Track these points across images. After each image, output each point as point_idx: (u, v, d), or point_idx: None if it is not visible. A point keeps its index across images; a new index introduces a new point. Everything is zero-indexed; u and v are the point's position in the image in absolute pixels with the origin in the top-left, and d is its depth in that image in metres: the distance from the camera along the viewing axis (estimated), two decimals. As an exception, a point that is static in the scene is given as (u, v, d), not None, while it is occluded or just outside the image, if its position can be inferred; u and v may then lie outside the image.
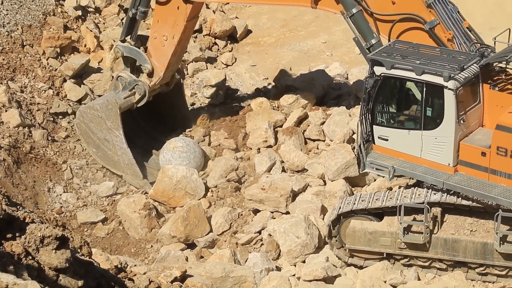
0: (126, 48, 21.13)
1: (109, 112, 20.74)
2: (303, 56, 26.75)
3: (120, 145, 20.72)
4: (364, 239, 17.07)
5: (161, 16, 20.38)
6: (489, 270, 16.65)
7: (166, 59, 20.71)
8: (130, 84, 21.05)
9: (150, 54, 20.92)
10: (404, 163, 16.68)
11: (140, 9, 20.63)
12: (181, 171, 20.05)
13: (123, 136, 20.66)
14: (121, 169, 20.93)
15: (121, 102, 20.83)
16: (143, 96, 21.05)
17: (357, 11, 17.68)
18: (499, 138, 15.52)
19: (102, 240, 19.61)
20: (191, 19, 20.23)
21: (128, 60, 21.30)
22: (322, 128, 21.52)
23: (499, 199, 15.66)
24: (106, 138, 20.91)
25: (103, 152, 21.09)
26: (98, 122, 20.93)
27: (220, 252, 17.90)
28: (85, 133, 21.32)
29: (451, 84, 15.66)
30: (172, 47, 20.49)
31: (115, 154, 20.85)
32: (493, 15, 27.42)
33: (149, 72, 20.94)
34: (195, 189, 20.02)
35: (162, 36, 20.48)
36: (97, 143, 21.12)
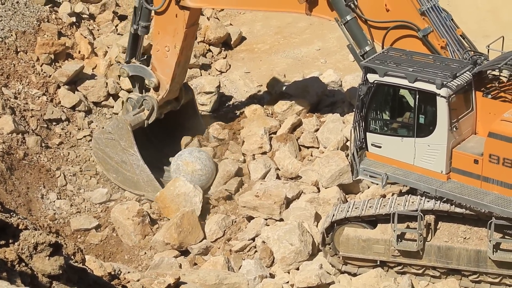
0: (131, 67, 21.10)
1: (120, 131, 20.69)
2: (297, 63, 26.79)
3: (137, 162, 20.62)
4: (358, 246, 17.08)
5: (161, 26, 20.35)
6: (482, 277, 16.67)
7: (171, 70, 20.65)
8: (139, 101, 21.04)
9: (155, 67, 20.88)
10: (397, 170, 16.71)
11: (141, 24, 20.59)
12: (186, 188, 19.83)
13: (138, 153, 20.58)
14: (142, 188, 20.77)
15: (131, 119, 20.78)
16: (151, 110, 20.94)
17: (351, 18, 17.72)
18: (491, 146, 15.56)
19: (96, 247, 19.58)
20: (190, 26, 20.19)
21: (135, 80, 21.28)
22: (316, 135, 21.55)
23: (491, 207, 15.69)
24: (123, 160, 20.82)
25: (123, 175, 20.95)
26: (113, 145, 20.85)
27: (213, 259, 17.89)
28: (103, 160, 21.20)
29: (444, 92, 15.70)
30: (175, 57, 20.45)
31: (134, 174, 20.72)
32: (487, 22, 27.51)
33: (155, 86, 20.87)
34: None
35: (164, 47, 20.47)
36: (115, 168, 21.00)
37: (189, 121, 22.40)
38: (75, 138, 22.37)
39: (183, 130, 22.27)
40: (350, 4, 17.63)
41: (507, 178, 15.53)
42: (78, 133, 22.55)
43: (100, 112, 23.74)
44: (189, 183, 19.85)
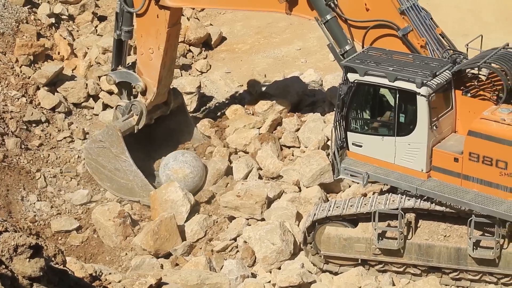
0: (117, 74, 20.98)
1: (111, 138, 20.56)
2: (278, 63, 26.81)
3: (130, 168, 20.49)
4: (339, 245, 17.12)
5: (143, 29, 20.26)
6: (462, 275, 16.77)
7: (157, 72, 20.52)
8: (127, 107, 20.92)
9: (141, 71, 20.76)
10: (378, 169, 16.77)
11: (124, 28, 20.46)
12: (176, 195, 19.68)
13: (130, 158, 20.47)
14: (137, 194, 20.61)
15: (120, 125, 20.67)
16: (141, 115, 20.80)
17: (331, 17, 17.75)
18: (471, 144, 15.65)
19: (77, 248, 19.50)
20: (172, 25, 20.09)
21: (122, 87, 21.16)
22: (297, 134, 21.59)
23: (471, 205, 15.78)
24: (116, 168, 20.68)
25: (117, 183, 20.79)
26: (105, 153, 20.72)
27: (195, 259, 17.88)
28: (96, 170, 21.03)
29: (424, 91, 15.78)
30: (159, 59, 20.32)
31: (128, 181, 20.59)
32: (466, 22, 27.66)
33: (143, 90, 20.72)
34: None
35: (148, 50, 20.33)
36: (109, 176, 20.85)
37: (181, 127, 22.30)
38: (55, 140, 22.27)
39: (175, 136, 22.16)
40: (330, 3, 17.66)
41: (486, 176, 15.63)
42: (58, 135, 22.45)
43: (80, 113, 23.66)
44: (181, 191, 19.70)
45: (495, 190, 15.65)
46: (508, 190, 15.54)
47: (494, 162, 15.46)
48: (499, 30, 27.08)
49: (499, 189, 15.61)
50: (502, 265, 16.32)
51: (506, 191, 15.56)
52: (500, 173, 15.46)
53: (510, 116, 15.50)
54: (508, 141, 15.19)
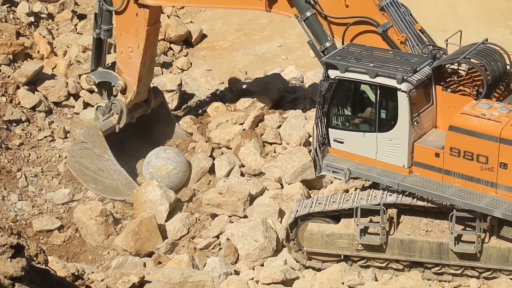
0: (96, 74, 20.90)
1: (93, 138, 20.50)
2: (259, 60, 26.83)
3: (113, 167, 20.44)
4: (322, 241, 17.16)
5: (123, 27, 20.18)
6: (444, 269, 16.85)
7: (136, 71, 20.45)
8: (107, 107, 20.87)
9: (120, 70, 20.69)
10: (360, 165, 16.81)
11: (103, 27, 20.38)
12: (154, 195, 19.61)
13: (113, 157, 20.41)
14: (122, 193, 20.55)
15: (101, 124, 20.61)
16: (121, 113, 20.73)
17: (311, 14, 17.77)
18: (452, 139, 15.73)
19: (59, 247, 19.44)
20: (152, 24, 20.03)
21: (102, 87, 21.06)
22: (278, 131, 21.62)
23: (453, 199, 15.86)
24: (100, 168, 20.61)
25: (102, 184, 20.72)
26: (88, 154, 20.64)
27: (178, 257, 17.86)
28: (80, 172, 20.94)
29: (404, 86, 15.83)
30: (139, 57, 20.26)
31: (112, 180, 20.52)
32: (445, 17, 27.80)
33: (122, 88, 20.64)
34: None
35: (128, 48, 20.27)
36: (94, 178, 20.78)
37: (163, 125, 22.23)
38: (36, 139, 22.17)
39: (158, 135, 22.09)
40: (310, 0, 17.68)
41: (468, 171, 15.71)
42: (39, 134, 22.36)
43: (61, 112, 23.56)
44: (159, 190, 19.65)
45: (476, 184, 15.74)
46: (489, 185, 15.63)
47: (475, 157, 15.54)
48: (478, 25, 27.25)
49: (480, 184, 15.70)
50: (483, 259, 16.41)
51: (487, 186, 15.65)
52: (481, 168, 15.55)
53: (490, 111, 15.59)
54: (489, 136, 15.28)
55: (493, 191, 15.63)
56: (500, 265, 16.40)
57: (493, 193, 15.64)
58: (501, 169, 15.38)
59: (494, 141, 15.24)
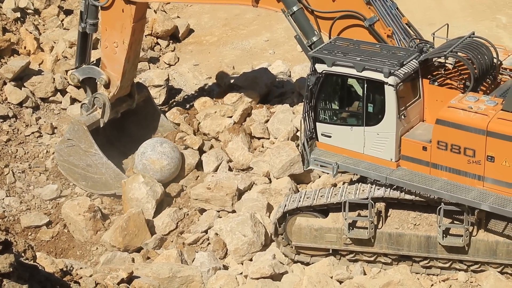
0: (80, 71, 20.85)
1: (78, 134, 20.43)
2: (246, 54, 26.82)
3: (100, 161, 20.39)
4: (310, 236, 17.18)
5: (108, 23, 20.13)
6: (433, 263, 16.90)
7: (121, 66, 20.41)
8: (90, 102, 20.82)
9: (105, 65, 20.64)
10: (348, 159, 16.83)
11: (89, 21, 20.32)
12: (140, 193, 19.55)
13: (99, 151, 20.37)
14: (112, 186, 20.50)
15: (85, 119, 20.54)
16: (104, 107, 20.66)
17: (297, 9, 17.76)
18: (439, 133, 15.76)
19: (47, 243, 19.41)
20: (137, 20, 19.99)
21: (86, 85, 20.99)
22: (266, 126, 21.62)
23: (440, 193, 15.90)
24: (88, 164, 20.56)
25: (92, 180, 20.67)
26: (75, 151, 20.58)
27: (166, 252, 17.85)
28: (69, 170, 20.86)
29: (391, 80, 15.85)
30: (124, 53, 20.23)
31: (101, 175, 20.48)
32: (432, 11, 27.85)
33: (106, 83, 20.58)
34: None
35: (113, 43, 20.23)
36: (83, 175, 20.72)
37: (150, 120, 22.14)
38: (23, 135, 22.10)
39: (146, 130, 22.02)
40: None
41: (455, 164, 15.75)
42: (26, 130, 22.29)
43: (48, 108, 23.50)
44: (145, 187, 19.60)
45: (464, 178, 15.78)
46: (476, 178, 15.68)
47: (462, 150, 15.58)
48: (464, 18, 27.32)
49: (467, 177, 15.75)
50: (471, 252, 16.47)
51: (474, 179, 15.70)
52: (468, 161, 15.59)
53: (477, 104, 15.63)
54: (476, 129, 15.31)
55: (481, 184, 15.68)
56: (488, 258, 16.46)
57: (481, 186, 15.69)
58: (488, 162, 15.43)
59: (481, 134, 15.27)
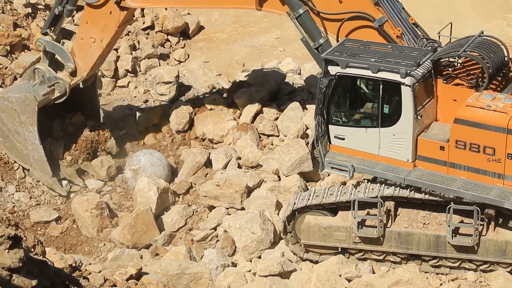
0: (49, 44, 20.41)
1: (26, 107, 20.03)
2: (256, 52, 26.80)
3: (33, 141, 20.07)
4: (319, 234, 17.16)
5: (91, 18, 19.82)
6: (442, 262, 16.86)
7: (92, 61, 20.17)
8: (50, 80, 20.34)
9: (74, 53, 20.30)
10: (363, 161, 16.70)
11: (67, 7, 20.03)
12: (142, 184, 19.51)
13: (36, 132, 20.02)
14: (29, 163, 20.30)
15: (40, 99, 20.11)
16: (63, 94, 20.42)
17: (303, 11, 17.61)
18: (457, 132, 15.66)
19: (56, 239, 19.44)
20: (122, 24, 19.80)
21: (48, 53, 20.56)
22: (276, 123, 21.60)
23: (460, 192, 15.82)
24: (17, 131, 20.21)
25: (12, 143, 20.40)
26: (11, 113, 20.19)
27: (175, 249, 17.86)
28: None
29: (408, 81, 15.74)
30: (99, 50, 19.99)
31: (24, 148, 20.17)
32: (442, 10, 27.78)
33: (72, 71, 20.32)
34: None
35: (90, 38, 19.91)
36: (6, 134, 20.41)
37: (86, 99, 21.74)
38: (33, 130, 22.07)
39: (79, 106, 21.65)
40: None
41: (474, 163, 15.68)
42: (37, 125, 22.27)
43: (58, 103, 23.47)
44: (146, 178, 19.65)
45: (483, 176, 15.70)
46: (496, 176, 15.63)
47: (481, 149, 15.52)
48: (474, 18, 27.25)
49: (487, 176, 15.69)
50: (481, 252, 16.43)
51: (494, 177, 15.65)
52: (488, 159, 15.52)
53: (495, 102, 15.56)
54: (496, 127, 15.25)
55: (501, 182, 15.62)
56: (497, 258, 16.42)
57: (501, 185, 15.62)
58: (509, 160, 15.34)
59: (501, 132, 15.22)
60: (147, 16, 27.06)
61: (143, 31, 26.83)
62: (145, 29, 26.88)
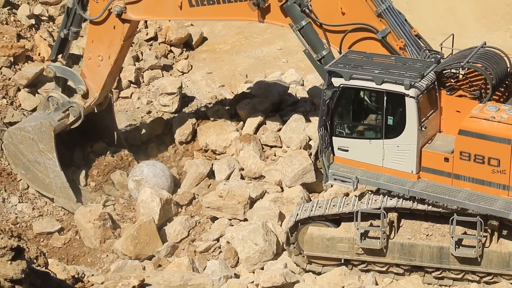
0: (59, 68, 20.46)
1: (42, 134, 20.11)
2: (259, 63, 26.82)
3: (53, 168, 20.11)
4: (322, 245, 17.14)
5: (96, 36, 19.82)
6: (445, 273, 16.83)
7: (102, 80, 20.16)
8: (64, 105, 20.40)
9: (84, 74, 20.31)
10: (367, 173, 16.69)
11: (72, 29, 20.04)
12: (145, 195, 19.48)
13: (56, 159, 20.06)
14: (52, 191, 20.31)
15: (56, 124, 20.19)
16: (78, 118, 20.44)
17: (306, 23, 17.59)
18: (462, 143, 15.65)
19: (59, 250, 19.42)
20: (128, 38, 19.76)
21: (60, 80, 20.66)
22: (278, 134, 21.60)
23: (465, 204, 15.79)
24: (37, 160, 20.25)
25: (33, 174, 20.41)
26: (29, 144, 20.25)
27: (178, 260, 17.84)
28: (13, 154, 20.55)
29: (413, 92, 15.72)
30: (108, 67, 19.97)
31: (46, 177, 20.18)
32: (445, 21, 27.80)
33: (84, 93, 20.31)
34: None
35: (97, 57, 19.91)
36: (26, 165, 20.43)
37: (104, 123, 21.79)
38: (36, 141, 22.09)
39: (97, 132, 21.70)
40: (305, 9, 17.56)
41: (478, 174, 15.67)
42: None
43: (61, 114, 23.48)
44: (149, 189, 19.65)
45: (488, 188, 15.69)
46: (501, 187, 15.61)
47: (486, 160, 15.51)
48: (478, 29, 27.27)
49: (491, 187, 15.67)
50: (484, 263, 16.40)
51: (499, 189, 15.63)
52: (492, 171, 15.50)
53: (499, 113, 15.55)
54: (500, 139, 15.25)
55: (505, 193, 15.60)
56: (501, 270, 16.39)
57: (506, 196, 15.60)
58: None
59: (506, 143, 15.22)
60: (151, 27, 27.11)
61: (147, 42, 26.87)
62: (149, 40, 26.92)
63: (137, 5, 19.09)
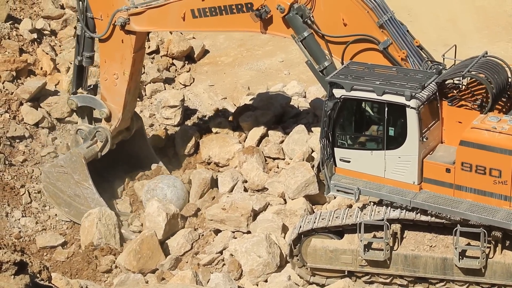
0: (80, 98, 20.63)
1: (74, 164, 20.26)
2: (261, 75, 26.86)
3: (92, 196, 20.21)
4: (325, 257, 17.11)
5: (107, 54, 19.93)
6: (449, 285, 16.80)
7: (122, 98, 20.21)
8: (91, 133, 20.58)
9: (105, 97, 20.40)
10: (369, 184, 16.69)
11: (85, 54, 20.18)
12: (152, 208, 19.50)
13: (93, 186, 20.19)
14: None
15: (85, 152, 20.35)
16: (105, 142, 20.54)
17: (308, 34, 17.64)
18: (463, 154, 15.65)
19: (62, 264, 19.40)
20: (138, 50, 19.81)
21: (84, 111, 20.82)
22: (281, 146, 21.60)
23: (467, 214, 15.77)
24: (76, 194, 20.36)
25: (76, 209, 20.45)
26: (65, 179, 20.39)
27: (181, 273, 17.83)
28: (53, 194, 20.63)
29: (414, 103, 15.75)
30: (125, 84, 20.01)
31: (88, 208, 20.18)
32: (447, 31, 27.83)
33: (107, 116, 20.40)
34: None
35: (113, 75, 20.00)
36: (68, 202, 20.51)
37: (139, 151, 21.96)
38: (39, 155, 22.14)
39: (134, 161, 21.87)
40: (307, 20, 17.60)
41: (480, 185, 15.66)
42: (42, 150, 22.33)
43: (64, 128, 23.55)
44: (156, 203, 19.62)
45: (489, 198, 15.69)
46: (502, 198, 15.60)
47: (487, 171, 15.50)
48: (480, 40, 27.29)
49: (493, 198, 15.66)
50: (488, 274, 16.36)
51: (501, 199, 15.62)
52: (494, 182, 15.50)
53: (500, 124, 15.56)
54: (501, 149, 15.25)
55: (507, 204, 15.59)
56: (505, 281, 16.35)
57: (507, 207, 15.59)
58: None
59: (507, 154, 15.22)
60: (152, 41, 27.16)
61: (149, 55, 26.91)
62: (151, 53, 26.96)
63: (140, 17, 19.19)
